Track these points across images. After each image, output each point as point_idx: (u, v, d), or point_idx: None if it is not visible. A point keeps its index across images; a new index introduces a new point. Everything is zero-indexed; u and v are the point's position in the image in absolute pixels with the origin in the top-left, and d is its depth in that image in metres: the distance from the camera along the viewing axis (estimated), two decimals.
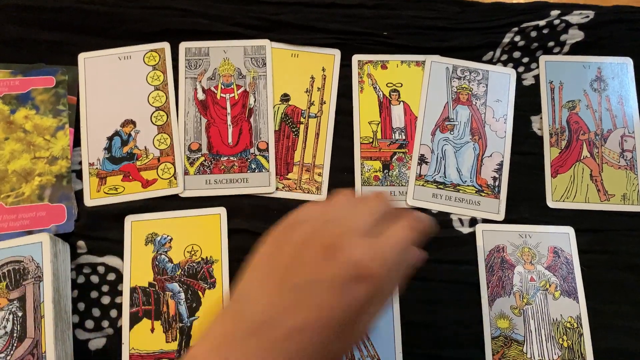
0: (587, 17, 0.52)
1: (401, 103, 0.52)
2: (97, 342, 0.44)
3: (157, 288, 0.45)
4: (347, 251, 0.31)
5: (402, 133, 0.51)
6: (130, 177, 0.48)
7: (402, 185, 0.49)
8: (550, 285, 0.46)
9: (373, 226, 0.33)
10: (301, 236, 0.32)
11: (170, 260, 0.46)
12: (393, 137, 0.51)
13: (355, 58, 0.52)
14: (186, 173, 0.49)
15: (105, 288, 0.46)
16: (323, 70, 0.52)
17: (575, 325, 0.45)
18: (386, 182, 0.49)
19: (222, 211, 0.47)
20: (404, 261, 0.33)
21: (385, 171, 0.50)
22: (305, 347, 0.29)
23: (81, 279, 0.46)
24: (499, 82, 0.52)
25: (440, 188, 0.49)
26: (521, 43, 0.52)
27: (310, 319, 0.30)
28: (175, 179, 0.48)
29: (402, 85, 0.52)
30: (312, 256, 0.31)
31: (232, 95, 0.51)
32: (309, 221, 0.34)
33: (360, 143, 0.50)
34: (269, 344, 0.29)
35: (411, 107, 0.51)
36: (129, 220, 0.47)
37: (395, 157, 0.50)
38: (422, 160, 0.50)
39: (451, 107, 0.51)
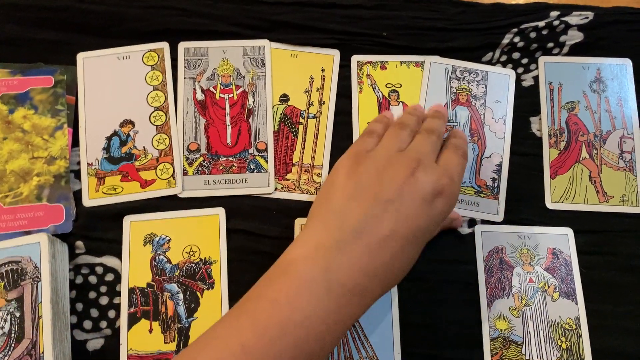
0: (587, 18, 0.52)
1: (400, 104, 0.51)
2: (95, 343, 0.44)
3: (155, 289, 0.45)
4: (425, 172, 0.37)
5: None
6: (129, 177, 0.48)
7: None
8: (549, 287, 0.46)
9: (434, 152, 0.40)
10: (380, 159, 0.39)
11: (169, 261, 0.46)
12: None
13: (355, 58, 0.52)
14: (185, 173, 0.49)
15: (103, 288, 0.45)
16: (322, 70, 0.52)
17: (574, 326, 0.45)
18: None
19: (220, 211, 0.47)
20: (460, 183, 0.40)
21: None
22: (396, 252, 0.35)
23: (79, 280, 0.45)
24: (498, 83, 0.52)
25: None
26: (520, 44, 0.52)
27: (401, 227, 0.35)
28: (174, 179, 0.48)
29: (401, 86, 0.52)
30: (397, 175, 0.37)
31: (231, 95, 0.51)
32: (381, 150, 0.40)
33: None
34: (368, 249, 0.35)
35: None
36: (128, 220, 0.47)
37: None
38: None
39: (450, 108, 0.51)
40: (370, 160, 0.40)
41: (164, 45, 0.52)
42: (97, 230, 0.47)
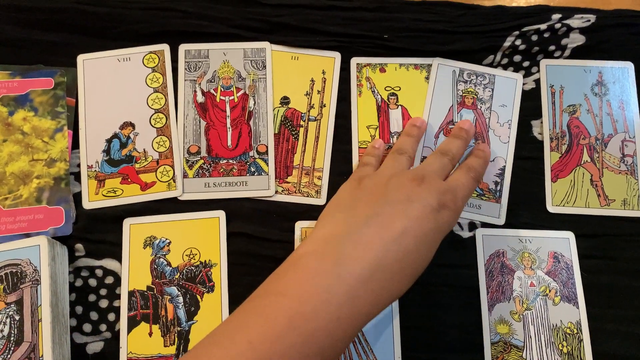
0: (588, 21, 0.52)
1: (399, 107, 0.51)
2: (94, 346, 0.44)
3: (155, 292, 0.45)
4: (429, 186, 0.38)
5: None
6: (129, 180, 0.48)
7: None
8: (550, 291, 0.46)
9: (442, 171, 0.42)
10: (384, 175, 0.40)
11: (169, 264, 0.46)
12: (391, 142, 0.50)
13: (354, 61, 0.52)
14: (185, 176, 0.48)
15: (103, 291, 0.45)
16: (323, 73, 0.52)
17: (575, 330, 0.45)
18: None
19: (221, 214, 0.47)
20: (464, 204, 0.41)
21: None
22: (411, 251, 0.35)
23: (79, 282, 0.45)
24: (505, 87, 0.52)
25: None
26: (522, 47, 0.52)
27: (413, 226, 0.35)
28: (174, 181, 0.48)
29: (400, 89, 0.52)
30: (403, 184, 0.38)
31: (231, 97, 0.51)
32: (382, 170, 0.42)
33: (359, 147, 0.50)
34: (382, 242, 0.34)
35: (409, 111, 0.51)
36: (128, 223, 0.47)
37: None
38: None
39: (456, 111, 0.51)
40: (375, 175, 0.41)
41: (165, 47, 0.51)
42: (97, 233, 0.46)
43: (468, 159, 0.45)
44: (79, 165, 0.48)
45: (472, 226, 0.48)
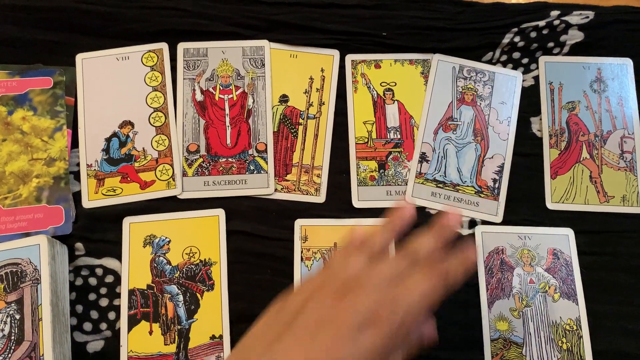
0: (587, 17, 0.52)
1: (395, 102, 0.51)
2: (95, 345, 0.44)
3: (155, 290, 0.45)
4: (357, 296, 0.31)
5: (397, 132, 0.51)
6: (129, 179, 0.48)
7: (398, 184, 0.49)
8: (549, 287, 0.46)
9: (394, 277, 0.32)
10: (314, 284, 0.33)
11: (169, 262, 0.46)
12: (388, 137, 0.50)
13: (349, 58, 0.52)
14: (184, 174, 0.48)
15: (103, 290, 0.45)
16: (322, 71, 0.52)
17: (575, 327, 0.45)
18: (382, 182, 0.49)
19: (220, 213, 0.47)
20: (414, 318, 0.31)
21: (381, 171, 0.49)
22: None
23: (79, 281, 0.45)
24: (505, 85, 0.52)
25: (439, 187, 0.49)
26: (521, 44, 0.52)
27: (314, 358, 0.29)
28: (174, 180, 0.48)
29: (395, 84, 0.52)
30: (322, 301, 0.31)
31: (230, 96, 0.51)
32: (319, 275, 0.34)
33: (356, 143, 0.50)
34: None
35: (405, 105, 0.51)
36: (127, 222, 0.47)
37: (391, 156, 0.50)
38: (423, 158, 0.50)
39: (455, 107, 0.51)
40: (297, 293, 0.33)
41: (163, 46, 0.51)
42: (96, 232, 0.46)
43: (448, 263, 0.34)
44: (78, 164, 0.48)
45: (472, 223, 0.48)
